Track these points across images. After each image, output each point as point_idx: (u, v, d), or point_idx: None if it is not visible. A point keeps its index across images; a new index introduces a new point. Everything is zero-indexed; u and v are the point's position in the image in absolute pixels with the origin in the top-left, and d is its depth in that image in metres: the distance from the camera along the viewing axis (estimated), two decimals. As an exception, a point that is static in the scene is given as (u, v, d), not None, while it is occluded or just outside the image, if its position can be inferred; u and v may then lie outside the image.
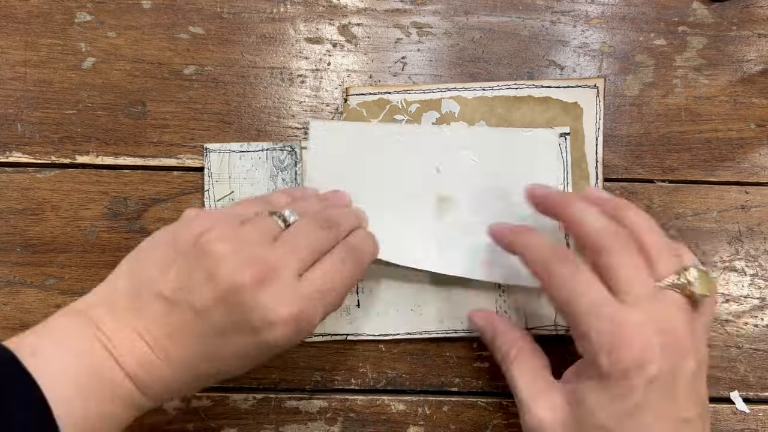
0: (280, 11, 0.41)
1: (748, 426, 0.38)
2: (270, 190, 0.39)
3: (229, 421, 0.39)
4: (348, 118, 0.39)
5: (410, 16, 0.41)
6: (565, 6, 0.41)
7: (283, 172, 0.39)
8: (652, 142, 0.40)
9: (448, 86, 0.40)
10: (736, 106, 0.40)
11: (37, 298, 0.40)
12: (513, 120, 0.39)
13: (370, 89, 0.40)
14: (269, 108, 0.41)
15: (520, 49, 0.41)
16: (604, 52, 0.41)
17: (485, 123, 0.39)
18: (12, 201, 0.40)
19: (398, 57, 0.41)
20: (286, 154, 0.39)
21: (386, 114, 0.39)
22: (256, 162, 0.39)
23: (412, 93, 0.40)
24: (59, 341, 0.27)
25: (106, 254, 0.40)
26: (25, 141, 0.40)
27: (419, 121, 0.39)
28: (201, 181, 0.40)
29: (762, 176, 0.40)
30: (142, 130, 0.40)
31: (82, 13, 0.41)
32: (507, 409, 0.39)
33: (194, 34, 0.41)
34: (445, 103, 0.39)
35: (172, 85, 0.40)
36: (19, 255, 0.40)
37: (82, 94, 0.40)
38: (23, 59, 0.41)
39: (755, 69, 0.41)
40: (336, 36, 0.41)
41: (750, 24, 0.41)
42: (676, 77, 0.40)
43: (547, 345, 0.35)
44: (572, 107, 0.39)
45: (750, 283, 0.39)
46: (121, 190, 0.40)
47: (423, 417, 0.39)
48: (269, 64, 0.41)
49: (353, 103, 0.40)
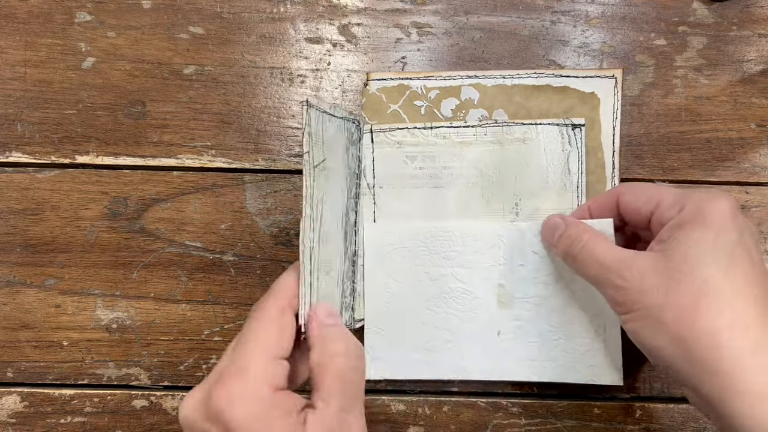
0: (280, 11, 0.41)
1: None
2: (345, 164, 0.37)
3: (229, 421, 0.39)
4: (367, 103, 0.40)
5: (410, 16, 0.41)
6: (565, 6, 0.41)
7: (353, 147, 0.38)
8: (652, 142, 0.40)
9: (468, 73, 0.40)
10: (737, 106, 0.40)
11: (37, 298, 0.40)
12: (531, 108, 0.39)
13: (390, 75, 0.40)
14: (269, 108, 0.41)
15: (520, 49, 0.41)
16: (604, 52, 0.41)
17: (503, 111, 0.39)
18: (12, 201, 0.40)
19: (398, 57, 0.41)
20: (354, 127, 0.38)
21: (406, 99, 0.39)
22: (337, 129, 0.36)
23: (432, 79, 0.40)
24: None
25: (106, 254, 0.40)
26: (25, 141, 0.40)
27: (438, 107, 0.39)
28: (201, 181, 0.40)
29: (762, 176, 0.40)
30: (142, 130, 0.40)
31: (82, 13, 0.41)
32: (507, 409, 0.39)
33: (194, 34, 0.41)
34: (464, 90, 0.40)
35: (172, 85, 0.40)
36: (19, 255, 0.40)
37: (82, 94, 0.40)
38: (23, 59, 0.41)
39: (755, 69, 0.41)
40: (336, 36, 0.41)
41: (750, 24, 0.41)
42: (676, 77, 0.40)
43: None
44: (590, 97, 0.39)
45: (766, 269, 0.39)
46: (121, 190, 0.40)
47: (423, 417, 0.39)
48: (269, 64, 0.41)
49: (373, 88, 0.40)
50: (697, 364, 0.28)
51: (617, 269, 0.31)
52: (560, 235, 0.35)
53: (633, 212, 0.34)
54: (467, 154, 0.39)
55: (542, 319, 0.38)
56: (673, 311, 0.28)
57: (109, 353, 0.40)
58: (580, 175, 0.39)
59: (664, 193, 0.32)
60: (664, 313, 0.29)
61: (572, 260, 0.34)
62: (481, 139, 0.39)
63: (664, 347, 0.29)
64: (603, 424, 0.39)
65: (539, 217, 0.38)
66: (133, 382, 0.40)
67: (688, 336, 0.28)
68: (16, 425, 0.39)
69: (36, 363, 0.40)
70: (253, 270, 0.40)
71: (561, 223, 0.36)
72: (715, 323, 0.28)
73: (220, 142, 0.40)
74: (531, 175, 0.39)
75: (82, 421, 0.39)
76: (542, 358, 0.38)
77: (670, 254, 0.30)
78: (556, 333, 0.38)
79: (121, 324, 0.40)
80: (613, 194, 0.35)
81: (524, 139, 0.39)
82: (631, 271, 0.30)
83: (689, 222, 0.30)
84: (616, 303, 0.31)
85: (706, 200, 0.30)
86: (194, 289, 0.40)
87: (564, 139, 0.39)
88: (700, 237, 0.29)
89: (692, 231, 0.30)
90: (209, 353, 0.40)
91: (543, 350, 0.38)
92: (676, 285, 0.29)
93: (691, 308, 0.28)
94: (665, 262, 0.30)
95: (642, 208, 0.33)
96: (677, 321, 0.28)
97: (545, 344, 0.38)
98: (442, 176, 0.39)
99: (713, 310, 0.28)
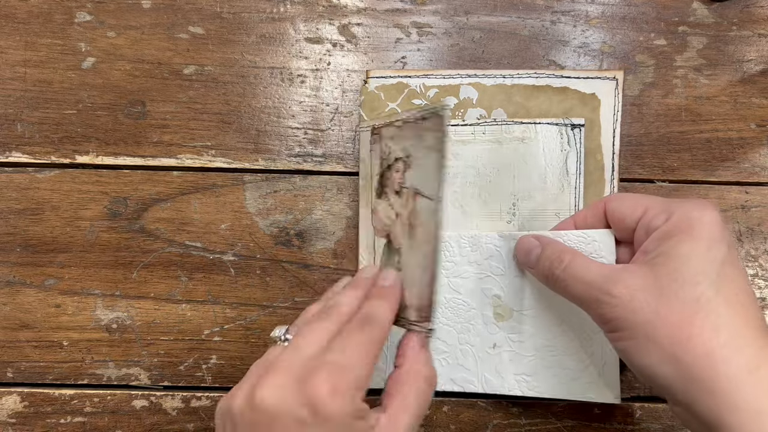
0: (280, 11, 0.41)
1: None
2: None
3: (229, 421, 0.39)
4: (366, 101, 0.40)
5: (410, 16, 0.41)
6: (565, 6, 0.41)
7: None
8: (652, 142, 0.40)
9: (468, 72, 0.40)
10: (737, 106, 0.40)
11: (37, 298, 0.40)
12: (530, 108, 0.39)
13: (390, 72, 0.40)
14: (269, 108, 0.41)
15: (520, 49, 0.41)
16: (604, 52, 0.41)
17: (503, 110, 0.39)
18: (12, 201, 0.40)
19: (398, 57, 0.41)
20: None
21: (404, 98, 0.39)
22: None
23: (431, 78, 0.40)
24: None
25: (106, 254, 0.40)
26: (25, 141, 0.40)
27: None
28: (201, 181, 0.40)
29: (762, 176, 0.40)
30: (142, 130, 0.40)
31: (82, 13, 0.41)
32: (507, 409, 0.39)
33: (194, 34, 0.41)
34: (463, 89, 0.39)
35: (172, 85, 0.40)
36: (19, 255, 0.40)
37: (82, 94, 0.40)
38: (23, 59, 0.41)
39: (755, 69, 0.40)
40: (336, 36, 0.41)
41: (750, 24, 0.41)
42: (676, 77, 0.40)
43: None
44: (590, 98, 0.39)
45: (750, 283, 0.39)
46: (121, 190, 0.40)
47: (423, 417, 0.39)
48: (269, 64, 0.41)
49: (372, 85, 0.40)
50: (693, 383, 0.27)
51: (603, 286, 0.30)
52: (537, 256, 0.34)
53: (619, 221, 0.33)
54: (465, 153, 0.39)
55: (539, 333, 0.37)
56: (665, 329, 0.28)
57: (109, 353, 0.40)
58: (578, 176, 0.38)
59: (652, 200, 0.32)
60: (655, 331, 0.28)
61: (554, 282, 0.33)
62: (480, 138, 0.39)
63: (655, 365, 0.28)
64: (603, 424, 0.39)
65: (537, 217, 0.38)
66: (133, 382, 0.40)
67: (682, 355, 0.27)
68: (16, 425, 0.39)
69: (36, 363, 0.40)
70: (253, 270, 0.40)
71: (536, 244, 0.35)
72: (711, 342, 0.27)
73: (220, 142, 0.40)
74: (529, 174, 0.38)
75: (82, 421, 0.39)
76: (538, 374, 0.37)
77: (659, 269, 0.29)
78: (553, 348, 0.37)
79: (121, 324, 0.40)
80: (599, 204, 0.34)
81: (523, 139, 0.39)
82: (619, 287, 0.29)
83: (678, 233, 0.29)
84: (603, 321, 0.30)
85: (695, 210, 0.29)
86: (194, 289, 0.40)
87: (563, 139, 0.39)
88: (690, 251, 0.29)
89: (681, 243, 0.29)
90: (209, 353, 0.40)
91: (539, 365, 0.37)
92: (667, 302, 0.28)
93: (685, 326, 0.27)
94: (654, 278, 0.29)
95: (628, 216, 0.32)
96: (670, 339, 0.28)
97: (542, 359, 0.37)
98: None
99: (707, 328, 0.27)
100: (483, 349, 0.38)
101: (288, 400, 0.26)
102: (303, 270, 0.40)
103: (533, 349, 0.37)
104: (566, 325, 0.36)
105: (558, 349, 0.37)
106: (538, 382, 0.37)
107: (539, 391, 0.37)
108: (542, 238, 0.35)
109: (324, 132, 0.40)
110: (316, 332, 0.29)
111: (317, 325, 0.29)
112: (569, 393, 0.37)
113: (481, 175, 0.39)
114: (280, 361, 0.28)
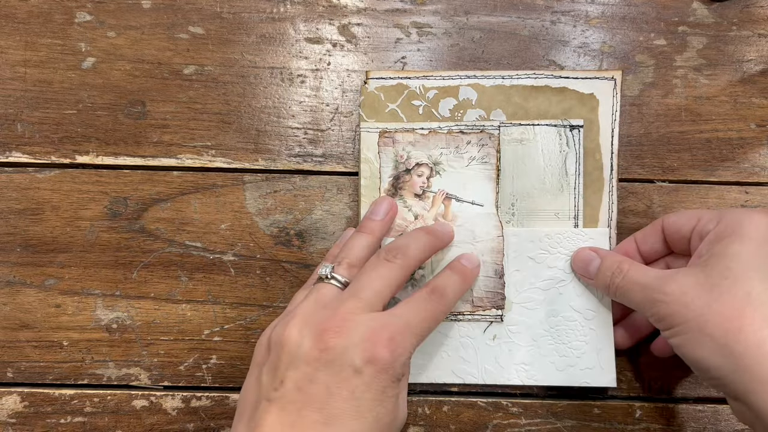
0: (280, 11, 0.41)
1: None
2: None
3: (229, 421, 0.39)
4: (366, 102, 0.40)
5: (410, 16, 0.41)
6: (565, 6, 0.41)
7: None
8: (652, 142, 0.40)
9: (467, 73, 0.40)
10: (736, 106, 0.40)
11: (37, 298, 0.40)
12: (529, 108, 0.39)
13: (390, 73, 0.40)
14: (269, 108, 0.41)
15: (520, 49, 0.41)
16: (604, 52, 0.41)
17: (501, 111, 0.39)
18: (12, 201, 0.40)
19: (398, 57, 0.41)
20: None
21: (404, 99, 0.39)
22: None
23: (431, 79, 0.40)
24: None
25: (106, 254, 0.40)
26: (25, 141, 0.40)
27: (436, 107, 0.39)
28: (201, 181, 0.40)
29: (762, 176, 0.40)
30: (142, 130, 0.40)
31: (82, 13, 0.41)
32: (507, 409, 0.39)
33: (194, 34, 0.41)
34: (462, 90, 0.39)
35: (172, 85, 0.40)
36: (19, 255, 0.40)
37: (82, 94, 0.40)
38: (23, 59, 0.41)
39: (755, 69, 0.41)
40: (336, 36, 0.41)
41: (750, 24, 0.41)
42: (676, 77, 0.40)
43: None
44: (588, 98, 0.39)
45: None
46: (121, 190, 0.40)
47: (423, 417, 0.39)
48: (269, 64, 0.41)
49: (372, 86, 0.40)
50: (745, 374, 0.28)
51: (658, 286, 0.32)
52: (597, 267, 0.36)
53: (675, 232, 0.35)
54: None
55: (537, 323, 0.38)
56: (717, 322, 0.29)
57: (109, 353, 0.40)
58: (577, 177, 0.39)
59: (704, 211, 0.34)
60: (707, 325, 0.29)
61: (615, 290, 0.35)
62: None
63: (709, 358, 0.29)
64: (603, 424, 0.39)
65: (536, 217, 0.39)
66: (133, 382, 0.40)
67: (734, 345, 0.29)
68: (16, 425, 0.39)
69: (36, 363, 0.40)
70: (253, 270, 0.40)
71: (594, 256, 0.36)
72: (762, 332, 0.28)
73: (220, 142, 0.40)
74: (528, 175, 0.39)
75: (82, 421, 0.39)
76: (537, 363, 0.38)
77: (710, 269, 0.30)
78: (550, 337, 0.38)
79: (121, 324, 0.40)
80: (657, 222, 0.36)
81: (522, 140, 0.39)
82: (672, 286, 0.31)
83: (728, 235, 0.31)
84: (659, 319, 0.32)
85: (743, 213, 0.32)
86: (194, 289, 0.40)
87: (562, 139, 0.39)
88: (741, 249, 0.30)
89: (732, 243, 0.30)
90: (209, 353, 0.40)
91: (538, 354, 0.38)
92: (719, 296, 0.29)
93: (736, 319, 0.29)
94: (706, 276, 0.30)
95: (683, 226, 0.34)
96: (721, 331, 0.29)
97: (540, 348, 0.38)
98: None
99: (758, 320, 0.28)
100: (483, 341, 0.38)
101: (350, 354, 0.29)
102: (303, 270, 0.40)
103: (531, 340, 0.38)
104: (563, 315, 0.38)
105: (555, 338, 0.38)
106: (536, 371, 0.38)
107: (537, 379, 0.38)
108: (600, 251, 0.37)
109: (324, 132, 0.40)
110: (377, 281, 0.32)
111: (381, 272, 0.32)
112: (567, 380, 0.38)
113: None
114: (345, 311, 0.31)
